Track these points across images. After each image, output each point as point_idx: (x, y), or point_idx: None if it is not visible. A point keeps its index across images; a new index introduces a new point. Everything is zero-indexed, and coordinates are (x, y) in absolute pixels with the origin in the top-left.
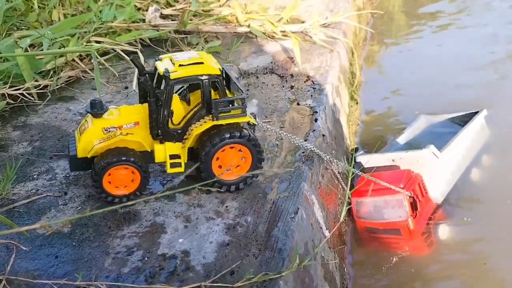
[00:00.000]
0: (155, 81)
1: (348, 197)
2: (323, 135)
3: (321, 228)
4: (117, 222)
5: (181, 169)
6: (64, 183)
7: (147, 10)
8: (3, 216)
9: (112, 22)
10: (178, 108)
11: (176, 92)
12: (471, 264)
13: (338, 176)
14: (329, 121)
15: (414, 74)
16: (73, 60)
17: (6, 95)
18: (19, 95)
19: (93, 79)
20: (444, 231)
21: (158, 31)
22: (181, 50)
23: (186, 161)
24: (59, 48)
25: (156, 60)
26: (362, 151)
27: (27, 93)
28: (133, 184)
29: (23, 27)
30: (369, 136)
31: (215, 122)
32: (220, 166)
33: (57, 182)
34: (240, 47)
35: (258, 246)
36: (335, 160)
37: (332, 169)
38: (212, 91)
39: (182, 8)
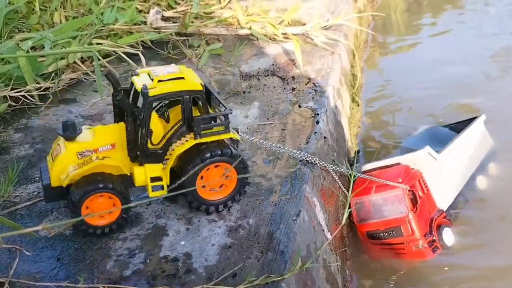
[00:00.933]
0: (131, 97)
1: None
2: (325, 137)
3: (323, 230)
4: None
5: (164, 192)
6: None
7: (148, 13)
8: (5, 218)
9: (113, 24)
10: (157, 127)
11: (154, 109)
12: (476, 270)
13: (337, 180)
14: (331, 123)
15: (415, 76)
16: (75, 62)
17: (8, 97)
18: (20, 97)
19: (95, 81)
20: (449, 237)
21: (159, 33)
22: (183, 53)
23: (168, 183)
24: None
25: (132, 75)
26: (359, 163)
27: (28, 95)
28: (113, 213)
29: (24, 30)
30: (370, 138)
31: (197, 141)
32: (204, 186)
33: None
34: (242, 49)
35: (260, 248)
36: (331, 166)
37: (332, 172)
38: (193, 107)
39: (183, 11)
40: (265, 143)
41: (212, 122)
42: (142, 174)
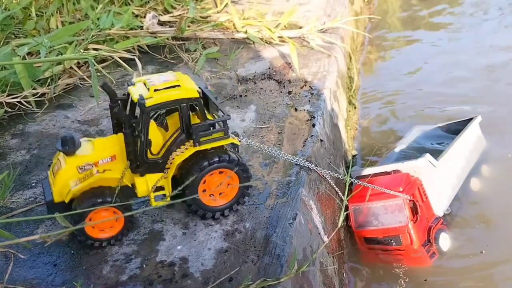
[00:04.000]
0: (128, 107)
1: (346, 204)
2: (321, 140)
3: (319, 233)
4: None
5: (168, 201)
6: None
7: (144, 17)
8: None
9: (110, 29)
10: (156, 136)
11: (151, 118)
12: (472, 274)
13: (333, 184)
14: (327, 126)
15: (412, 79)
16: (71, 67)
17: (4, 103)
18: (17, 103)
19: (91, 86)
20: (445, 241)
21: (156, 37)
22: (179, 57)
23: (170, 192)
24: (57, 56)
25: (129, 85)
26: (356, 166)
27: (25, 101)
28: (117, 225)
29: (21, 35)
30: (367, 140)
31: (197, 148)
32: (204, 190)
33: None
34: (238, 53)
35: (256, 252)
36: (328, 172)
37: (328, 178)
38: (191, 114)
39: (179, 15)
40: (264, 147)
41: (211, 128)
42: (144, 184)
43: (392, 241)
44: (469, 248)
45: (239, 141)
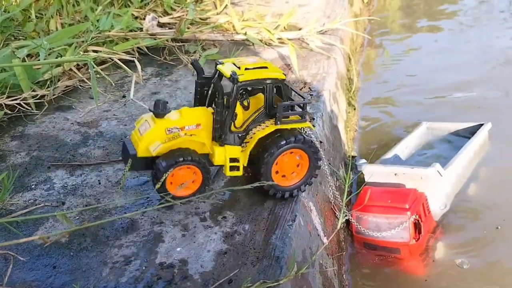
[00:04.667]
0: (212, 85)
1: (345, 205)
2: (321, 142)
3: (319, 235)
4: (115, 231)
5: (239, 173)
6: (61, 193)
7: (144, 19)
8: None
9: (109, 31)
10: (239, 112)
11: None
12: (469, 278)
13: (332, 185)
14: (327, 127)
15: (411, 80)
16: (71, 69)
17: (4, 105)
18: (16, 105)
19: (91, 88)
20: (440, 249)
21: (155, 39)
22: (179, 58)
23: (245, 165)
24: (56, 58)
25: (217, 64)
26: (364, 160)
27: (24, 103)
28: (193, 185)
29: (20, 37)
30: (367, 141)
31: (278, 126)
32: (282, 175)
33: (54, 192)
34: (237, 54)
35: (256, 254)
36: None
37: (328, 177)
38: None
39: (179, 17)
40: None
41: (290, 111)
42: (222, 154)
43: (392, 251)
44: (466, 252)
45: (313, 126)
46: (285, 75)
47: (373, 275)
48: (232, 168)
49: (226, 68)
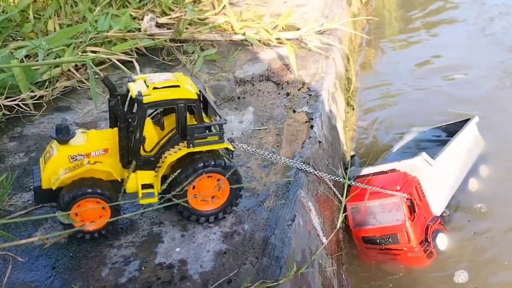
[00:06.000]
0: (127, 103)
1: (344, 205)
2: (319, 142)
3: (318, 235)
4: (114, 232)
5: (155, 200)
6: None
7: (142, 19)
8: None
9: (107, 31)
10: (151, 134)
11: (149, 116)
12: (470, 274)
13: (331, 185)
14: (325, 127)
15: (410, 80)
16: (69, 70)
17: (2, 106)
18: (15, 106)
19: (89, 89)
20: (442, 241)
21: (153, 40)
22: (177, 59)
23: (159, 191)
24: (54, 58)
25: (129, 81)
26: (354, 167)
27: (23, 104)
28: (104, 217)
29: (18, 38)
30: (365, 142)
31: (190, 150)
32: (195, 196)
33: None
34: (236, 55)
35: (255, 254)
36: (326, 175)
37: (326, 179)
38: (188, 115)
39: (177, 17)
40: (260, 152)
41: (207, 131)
42: (134, 180)
43: (390, 240)
44: (467, 248)
45: (234, 147)
46: (198, 94)
47: (373, 275)
48: (145, 195)
49: (136, 86)
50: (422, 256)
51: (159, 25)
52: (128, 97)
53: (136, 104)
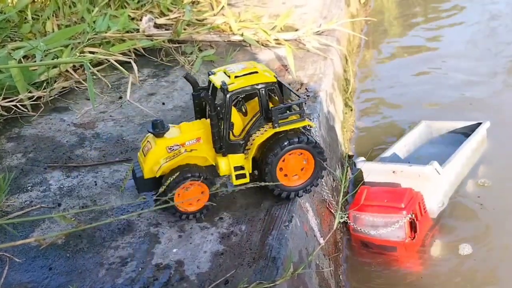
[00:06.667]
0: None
1: (342, 206)
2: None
3: (315, 235)
4: (111, 233)
5: (247, 180)
6: (58, 194)
7: (141, 20)
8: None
9: (106, 32)
10: (237, 120)
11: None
12: (467, 277)
13: (329, 186)
14: (324, 128)
15: (409, 81)
16: (67, 70)
17: (0, 107)
18: (12, 106)
19: (87, 89)
20: (437, 248)
21: (152, 40)
22: (175, 60)
23: (250, 171)
24: (52, 59)
25: (209, 75)
26: (363, 158)
27: (20, 104)
28: (201, 200)
29: (16, 39)
30: (364, 142)
31: (276, 130)
32: (286, 175)
33: (51, 193)
34: (234, 55)
35: (252, 255)
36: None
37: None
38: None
39: (176, 18)
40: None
41: (288, 111)
42: (226, 164)
43: (388, 250)
44: (464, 250)
45: (314, 124)
46: (275, 77)
47: (370, 275)
48: (238, 177)
49: (217, 78)
50: (417, 263)
51: (157, 26)
52: (210, 89)
53: (222, 93)
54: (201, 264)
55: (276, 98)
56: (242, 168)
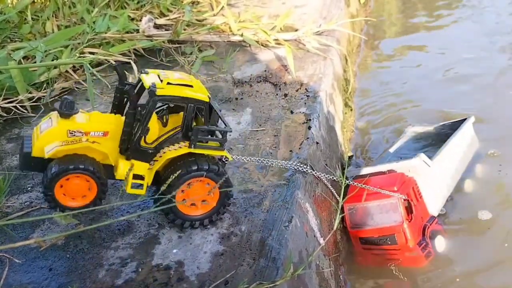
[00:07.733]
0: (135, 92)
1: (342, 206)
2: (317, 143)
3: (315, 236)
4: (111, 233)
5: (142, 192)
6: None
7: (140, 20)
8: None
9: (105, 33)
10: (154, 127)
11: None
12: (468, 275)
13: (330, 186)
14: (323, 128)
15: (409, 81)
16: (67, 71)
17: (0, 108)
18: (12, 107)
19: (87, 90)
20: (440, 243)
21: (152, 41)
22: (175, 60)
23: (150, 184)
24: (52, 60)
25: (141, 73)
26: (351, 167)
27: (20, 105)
28: (87, 197)
29: (16, 39)
30: (363, 142)
31: (191, 150)
32: (184, 200)
33: None
34: (234, 56)
35: (252, 255)
36: (323, 175)
37: (324, 180)
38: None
39: (175, 18)
40: (255, 159)
41: (209, 136)
42: (127, 168)
43: (388, 241)
44: (464, 249)
45: (231, 157)
46: (209, 97)
47: (370, 276)
48: (134, 186)
49: (148, 78)
50: (420, 257)
51: (157, 26)
52: (137, 87)
53: (148, 95)
54: (201, 264)
55: (203, 120)
56: (142, 178)
